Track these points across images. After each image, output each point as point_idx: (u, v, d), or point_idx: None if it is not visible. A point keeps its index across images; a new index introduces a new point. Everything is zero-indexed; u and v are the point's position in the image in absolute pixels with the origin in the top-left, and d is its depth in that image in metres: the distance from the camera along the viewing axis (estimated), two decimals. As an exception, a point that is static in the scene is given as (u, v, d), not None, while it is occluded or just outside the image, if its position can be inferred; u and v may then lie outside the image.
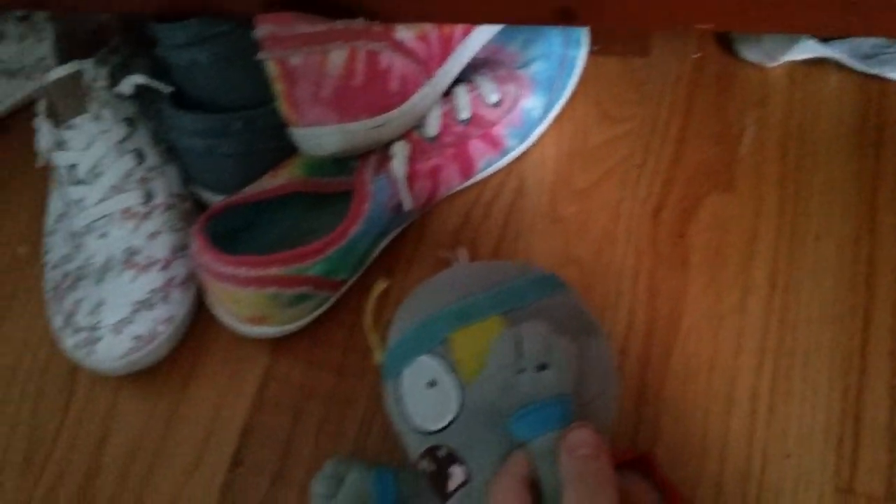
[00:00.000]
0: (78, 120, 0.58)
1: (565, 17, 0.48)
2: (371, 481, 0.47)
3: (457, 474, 0.41)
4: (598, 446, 0.37)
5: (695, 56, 0.64)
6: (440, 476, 0.42)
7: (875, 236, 0.54)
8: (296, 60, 0.50)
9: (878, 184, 0.56)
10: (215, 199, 0.61)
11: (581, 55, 0.62)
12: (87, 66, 0.59)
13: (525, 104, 0.59)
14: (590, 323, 0.44)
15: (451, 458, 0.41)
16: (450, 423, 0.41)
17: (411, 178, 0.55)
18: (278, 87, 0.51)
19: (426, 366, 0.42)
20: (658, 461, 0.42)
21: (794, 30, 0.45)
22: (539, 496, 0.38)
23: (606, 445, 0.38)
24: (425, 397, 0.43)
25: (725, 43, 0.64)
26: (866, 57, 0.60)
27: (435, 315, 0.43)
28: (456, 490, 0.41)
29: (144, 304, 0.56)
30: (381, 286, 0.51)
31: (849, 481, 0.48)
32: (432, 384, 0.42)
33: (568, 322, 0.42)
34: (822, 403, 0.50)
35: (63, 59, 0.67)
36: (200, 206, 0.63)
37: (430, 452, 0.42)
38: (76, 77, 0.58)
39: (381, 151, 0.55)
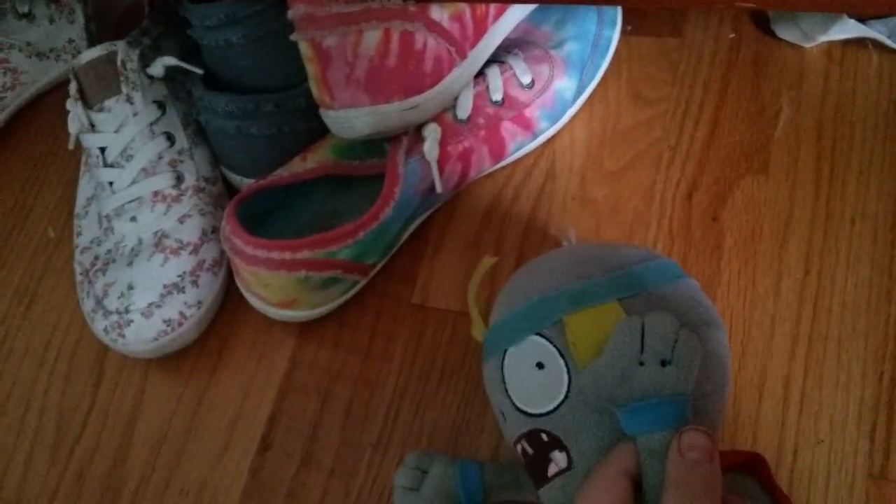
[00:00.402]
0: (109, 102, 0.58)
1: (600, -3, 0.47)
2: (456, 474, 0.47)
3: (558, 460, 0.40)
4: (711, 452, 0.36)
5: (730, 36, 0.63)
6: (539, 460, 0.41)
7: (913, 221, 0.54)
8: (330, 41, 0.49)
9: (917, 167, 0.55)
10: (245, 182, 0.61)
11: (615, 36, 0.62)
12: (118, 47, 0.59)
13: (558, 85, 0.59)
14: (710, 315, 0.42)
15: (554, 444, 0.40)
16: (556, 408, 0.40)
17: (443, 160, 0.55)
18: (311, 68, 0.51)
19: (536, 346, 0.41)
20: (767, 465, 0.41)
21: (835, 9, 0.44)
22: (640, 494, 0.37)
23: (717, 452, 0.36)
24: (532, 378, 0.41)
25: (761, 23, 0.63)
26: (905, 37, 0.59)
27: (550, 295, 0.42)
28: (555, 476, 0.40)
29: (174, 288, 0.56)
30: (490, 261, 0.50)
31: (882, 468, 0.47)
32: (541, 366, 0.41)
33: (688, 313, 0.41)
34: (856, 390, 0.50)
35: (93, 40, 0.67)
36: (230, 188, 0.63)
37: (532, 435, 0.41)
38: (107, 59, 0.58)
39: (412, 134, 0.54)
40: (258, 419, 0.57)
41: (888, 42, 0.58)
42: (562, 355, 0.40)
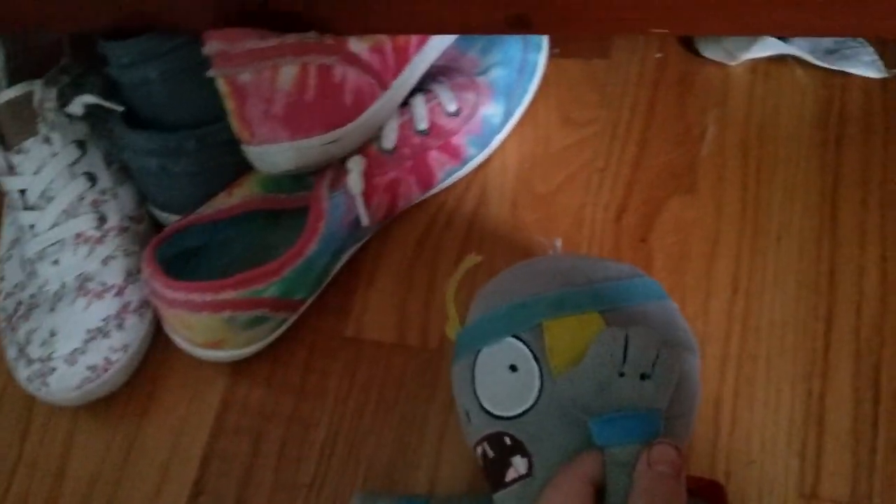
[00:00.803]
0: (27, 143, 0.57)
1: (519, 26, 0.47)
2: None
3: (518, 465, 0.40)
4: (679, 467, 0.36)
5: (656, 56, 0.63)
6: (499, 464, 0.41)
7: (836, 236, 0.54)
8: (245, 77, 0.49)
9: (839, 181, 0.56)
10: (172, 219, 0.60)
11: (541, 59, 0.62)
12: (35, 86, 0.57)
13: (485, 111, 0.58)
14: (686, 339, 0.42)
15: (516, 448, 0.40)
16: (524, 412, 0.40)
17: (369, 192, 0.54)
18: (229, 104, 0.50)
19: (512, 348, 0.41)
20: (726, 493, 0.41)
21: (750, 31, 0.45)
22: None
23: (685, 468, 0.37)
24: (503, 380, 0.41)
25: (687, 42, 0.63)
26: (828, 52, 0.60)
27: (531, 299, 0.42)
28: (513, 482, 0.40)
29: (98, 333, 0.55)
30: (473, 260, 0.49)
31: (813, 487, 0.48)
32: (514, 368, 0.41)
33: (666, 333, 0.41)
34: (786, 408, 0.50)
35: (13, 79, 0.65)
36: (157, 226, 0.62)
37: (494, 438, 0.41)
38: (24, 99, 0.57)
39: (337, 166, 0.54)
40: (190, 463, 0.55)
41: (810, 58, 0.59)
42: (536, 360, 0.40)
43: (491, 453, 0.41)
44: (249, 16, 0.49)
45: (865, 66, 0.58)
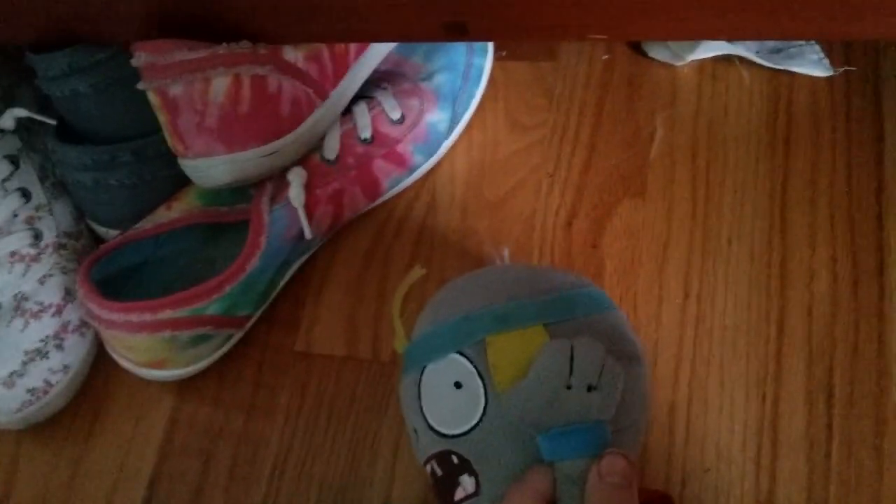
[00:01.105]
0: (-45, 160, 0.55)
1: (456, 33, 0.46)
2: None
3: (466, 484, 0.39)
4: (630, 477, 0.36)
5: (604, 58, 0.62)
6: (448, 483, 0.40)
7: (786, 237, 0.54)
8: (176, 89, 0.47)
9: (789, 182, 0.56)
10: (112, 234, 0.58)
11: (486, 63, 0.60)
12: (-37, 100, 0.55)
13: (430, 118, 0.57)
14: (633, 349, 0.42)
15: (463, 467, 0.39)
16: (470, 430, 0.39)
17: (311, 204, 0.53)
18: (161, 117, 0.48)
19: (456, 365, 0.40)
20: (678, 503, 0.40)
21: (691, 36, 0.44)
22: None
23: (636, 477, 0.36)
24: (448, 398, 0.40)
25: (634, 43, 0.62)
26: (774, 51, 0.59)
27: (474, 314, 0.41)
28: (461, 501, 0.39)
29: (37, 354, 0.53)
30: (418, 273, 0.49)
31: (769, 493, 0.47)
32: (458, 385, 0.40)
33: (612, 344, 0.40)
34: (739, 414, 0.49)
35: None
36: (97, 240, 0.60)
37: (442, 456, 0.40)
38: (-48, 114, 0.55)
39: (277, 179, 0.52)
40: (138, 484, 0.54)
41: (755, 58, 0.58)
42: (480, 376, 0.39)
43: (439, 472, 0.41)
44: (179, 26, 0.47)
45: (812, 65, 0.58)
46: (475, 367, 0.39)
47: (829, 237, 0.53)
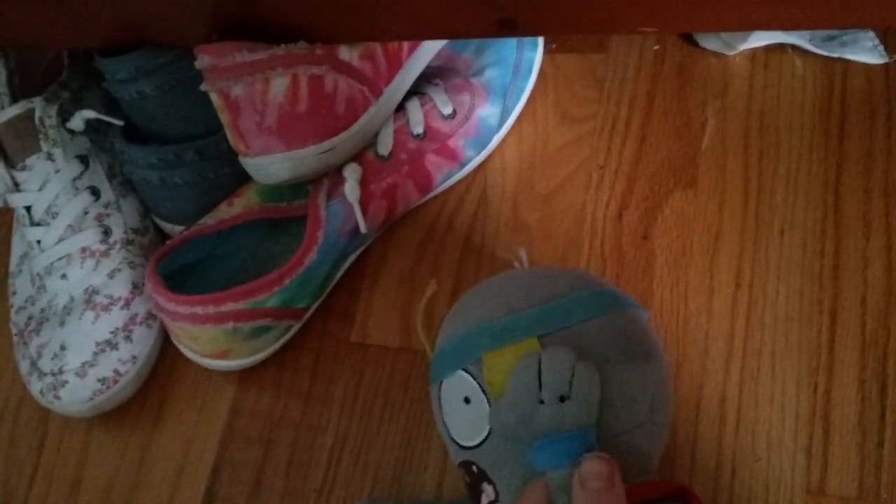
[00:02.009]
0: (30, 160, 0.58)
1: (506, 28, 0.47)
2: None
3: (488, 492, 0.41)
4: (611, 478, 0.36)
5: (654, 48, 0.63)
6: (475, 490, 0.42)
7: (840, 227, 0.53)
8: (237, 90, 0.49)
9: (842, 171, 0.55)
10: (177, 230, 0.60)
11: (537, 57, 0.61)
12: (36, 103, 0.58)
13: (481, 113, 0.58)
14: (635, 349, 0.41)
15: (482, 476, 0.41)
16: (481, 443, 0.41)
17: (366, 199, 0.54)
18: (223, 117, 0.50)
19: (463, 381, 0.41)
20: (696, 496, 0.40)
21: (743, 27, 0.44)
22: None
23: (620, 477, 0.36)
24: (461, 412, 0.42)
25: (685, 33, 0.62)
26: (827, 39, 0.59)
27: (475, 330, 0.42)
28: None
29: (107, 345, 0.55)
30: (432, 288, 0.50)
31: (820, 483, 0.47)
32: (468, 401, 0.41)
33: (608, 349, 0.40)
34: (791, 404, 0.49)
35: (17, 96, 0.66)
36: (162, 236, 0.62)
37: (466, 466, 0.42)
38: (25, 116, 0.58)
39: (333, 175, 0.54)
40: (202, 471, 0.56)
41: (808, 46, 0.58)
42: (483, 392, 0.41)
43: (467, 479, 0.43)
44: (240, 28, 0.49)
45: (866, 52, 0.57)
46: (478, 383, 0.41)
47: (883, 226, 0.53)
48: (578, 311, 0.41)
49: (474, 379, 0.41)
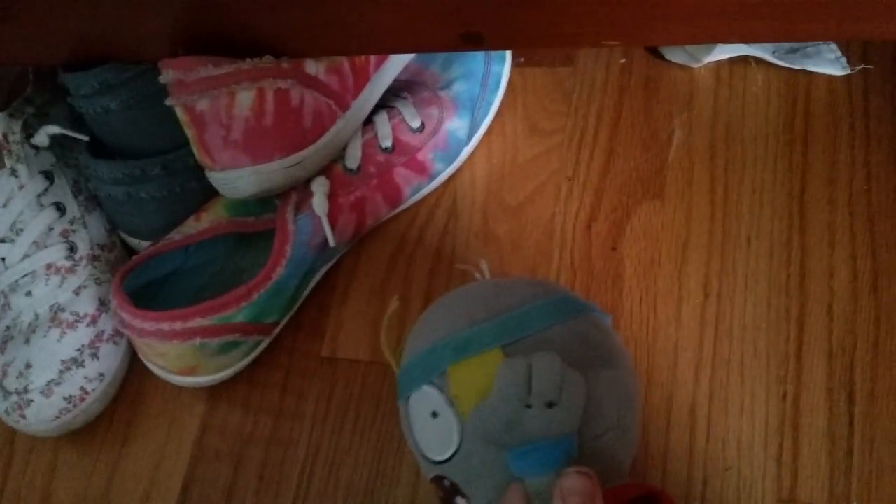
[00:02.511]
0: (-6, 177, 0.57)
1: (472, 43, 0.47)
2: None
3: None
4: (592, 494, 0.36)
5: (621, 62, 0.63)
6: (448, 503, 0.42)
7: (805, 237, 0.54)
8: (203, 105, 0.48)
9: (807, 181, 0.56)
10: (143, 245, 0.60)
11: (505, 70, 0.61)
12: (-1, 119, 0.57)
13: (449, 126, 0.58)
14: (597, 355, 0.41)
15: (455, 490, 0.41)
16: (451, 457, 0.41)
17: (335, 212, 0.54)
18: (189, 132, 0.50)
19: (429, 396, 0.41)
20: (670, 498, 0.40)
21: (704, 40, 0.44)
22: None
23: (599, 492, 0.36)
24: (429, 427, 0.42)
25: (651, 47, 0.63)
26: (790, 52, 0.60)
27: (439, 344, 0.42)
28: None
29: (73, 363, 0.55)
30: (393, 305, 0.51)
31: (791, 490, 0.47)
32: (435, 415, 0.41)
33: (576, 352, 0.40)
34: (761, 412, 0.50)
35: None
36: (129, 252, 0.62)
37: (438, 480, 0.42)
38: (-12, 132, 0.57)
39: (301, 189, 0.54)
40: (172, 488, 0.55)
41: (771, 59, 0.59)
42: (451, 405, 0.40)
43: (440, 493, 0.42)
44: (205, 44, 0.49)
45: (829, 63, 0.58)
46: (445, 396, 0.41)
47: (848, 235, 0.53)
48: (539, 318, 0.42)
49: (441, 392, 0.41)
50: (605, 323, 0.45)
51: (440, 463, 0.41)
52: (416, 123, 0.57)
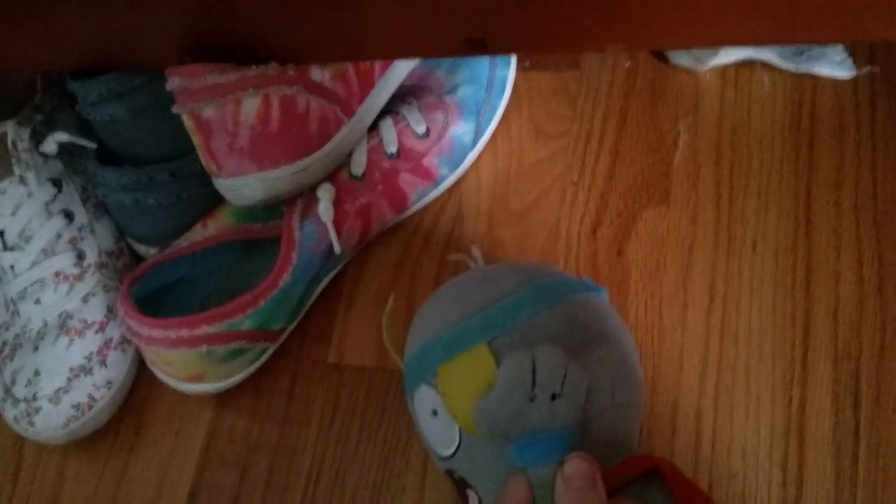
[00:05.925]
0: (3, 184, 0.57)
1: (475, 48, 0.47)
2: None
3: (472, 498, 0.42)
4: (593, 477, 0.37)
5: (626, 65, 0.63)
6: (461, 496, 0.43)
7: (811, 241, 0.54)
8: (209, 112, 0.49)
9: (813, 185, 0.56)
10: (151, 251, 0.60)
11: (510, 75, 0.61)
12: (8, 127, 0.58)
13: (454, 131, 0.58)
14: (596, 332, 0.42)
15: (464, 483, 0.42)
16: (455, 452, 0.41)
17: (340, 219, 0.54)
18: (195, 139, 0.50)
19: (427, 395, 0.42)
20: (673, 470, 0.40)
21: (704, 45, 0.44)
22: None
23: (599, 475, 0.37)
24: (431, 424, 0.43)
25: (656, 50, 0.63)
26: (796, 54, 0.59)
27: (430, 342, 0.43)
28: None
29: (81, 370, 0.55)
30: (391, 304, 0.50)
31: (796, 498, 0.47)
32: (435, 413, 0.42)
33: (564, 338, 0.41)
34: (766, 417, 0.50)
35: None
36: (137, 259, 0.62)
37: (449, 474, 0.43)
38: (-1, 140, 0.57)
39: (307, 195, 0.54)
40: (179, 495, 0.56)
41: (777, 62, 0.59)
42: (444, 404, 0.41)
43: (454, 485, 0.43)
44: (212, 50, 0.49)
45: (835, 66, 0.58)
46: (438, 396, 0.41)
47: (854, 239, 0.53)
48: (524, 308, 0.42)
49: (436, 391, 0.42)
50: (596, 300, 0.45)
51: (447, 458, 0.42)
52: (421, 129, 0.57)
